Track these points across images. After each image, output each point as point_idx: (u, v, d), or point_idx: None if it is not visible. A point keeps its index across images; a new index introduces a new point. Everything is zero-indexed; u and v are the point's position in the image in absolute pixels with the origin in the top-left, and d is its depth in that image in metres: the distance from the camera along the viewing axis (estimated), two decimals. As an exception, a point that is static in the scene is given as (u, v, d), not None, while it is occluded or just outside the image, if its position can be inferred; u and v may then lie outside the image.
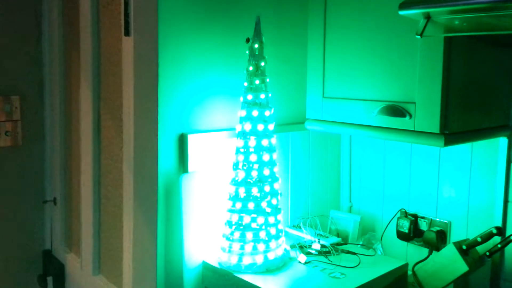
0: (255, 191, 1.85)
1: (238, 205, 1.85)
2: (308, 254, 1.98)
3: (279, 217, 1.92)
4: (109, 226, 2.07)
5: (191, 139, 1.90)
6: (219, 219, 1.95)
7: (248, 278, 1.80)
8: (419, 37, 1.50)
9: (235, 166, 1.89)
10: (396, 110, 1.73)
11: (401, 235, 2.17)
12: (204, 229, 1.95)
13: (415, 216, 2.14)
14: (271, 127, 1.90)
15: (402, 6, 1.45)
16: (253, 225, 1.85)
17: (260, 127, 1.86)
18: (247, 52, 1.88)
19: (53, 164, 2.46)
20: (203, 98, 1.95)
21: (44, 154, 2.46)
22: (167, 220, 1.88)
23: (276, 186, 1.91)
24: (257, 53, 1.86)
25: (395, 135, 1.75)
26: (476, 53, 1.73)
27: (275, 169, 1.91)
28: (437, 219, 2.09)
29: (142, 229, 1.84)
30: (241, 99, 1.90)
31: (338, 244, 2.09)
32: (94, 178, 2.10)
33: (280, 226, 1.93)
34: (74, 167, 2.33)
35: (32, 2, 2.36)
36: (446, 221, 2.06)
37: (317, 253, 2.00)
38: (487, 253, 1.82)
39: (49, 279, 2.47)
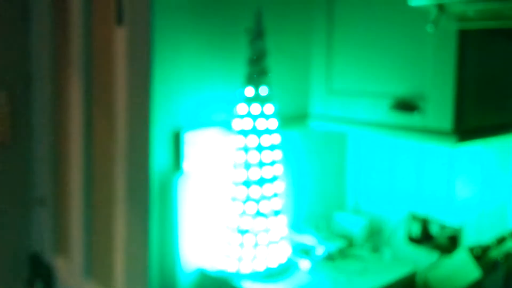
0: (255, 192, 1.81)
1: (237, 208, 1.81)
2: (312, 259, 1.95)
3: (281, 220, 1.88)
4: (100, 228, 2.08)
5: (187, 136, 1.84)
6: (217, 222, 1.91)
7: (247, 285, 1.76)
8: (432, 29, 1.48)
9: (234, 165, 1.84)
10: (406, 105, 1.71)
11: (410, 239, 2.14)
12: (201, 233, 1.91)
13: (425, 219, 2.10)
14: (272, 124, 1.85)
15: (413, -3, 1.45)
16: (254, 228, 1.81)
17: (261, 124, 1.82)
18: (247, 43, 1.83)
19: (42, 163, 2.46)
20: (200, 93, 1.91)
21: (32, 152, 2.47)
22: (161, 223, 1.84)
23: (278, 187, 1.87)
24: (258, 44, 1.82)
25: (406, 132, 1.73)
26: (490, 45, 1.70)
27: (277, 169, 1.87)
28: (448, 223, 2.06)
29: (135, 231, 1.84)
30: (241, 94, 1.85)
31: (343, 248, 2.06)
32: (85, 177, 2.12)
33: (281, 230, 1.88)
34: (63, 166, 2.32)
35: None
36: (458, 224, 2.03)
37: (321, 258, 1.97)
38: (501, 258, 1.79)
39: (38, 283, 2.47)
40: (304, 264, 1.90)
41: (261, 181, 1.82)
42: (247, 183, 1.81)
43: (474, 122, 1.67)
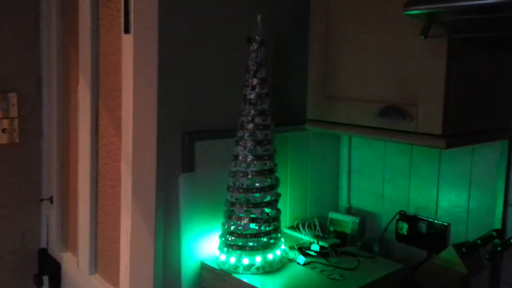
0: (254, 191, 1.84)
1: (237, 205, 1.84)
2: (306, 255, 1.98)
3: (278, 218, 1.91)
4: (106, 225, 2.07)
5: (191, 138, 1.89)
6: (218, 219, 1.94)
7: (246, 279, 1.79)
8: (423, 38, 1.50)
9: (234, 165, 1.88)
10: (397, 112, 1.71)
11: (400, 237, 2.17)
12: (203, 229, 1.94)
13: (414, 218, 2.14)
14: (271, 127, 1.89)
15: (407, 6, 1.44)
16: (252, 225, 1.85)
17: (260, 127, 1.85)
18: (248, 51, 1.87)
19: (50, 162, 2.45)
20: (204, 97, 1.95)
21: (41, 152, 2.45)
22: (166, 220, 1.87)
23: (275, 186, 1.90)
24: (258, 52, 1.85)
25: (397, 136, 1.74)
26: (479, 54, 1.72)
27: (274, 170, 1.91)
28: (437, 222, 2.08)
29: (140, 228, 1.84)
30: (242, 98, 1.88)
31: (337, 245, 2.08)
32: (92, 176, 2.10)
33: (279, 227, 1.92)
34: (71, 165, 2.32)
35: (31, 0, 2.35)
36: (446, 224, 2.06)
37: (316, 254, 2.00)
38: (487, 256, 1.82)
39: (45, 278, 2.47)
40: (300, 260, 1.92)
41: (260, 180, 1.85)
42: (246, 182, 1.84)
43: (462, 128, 1.68)
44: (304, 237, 2.13)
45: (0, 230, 2.34)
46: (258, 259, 1.83)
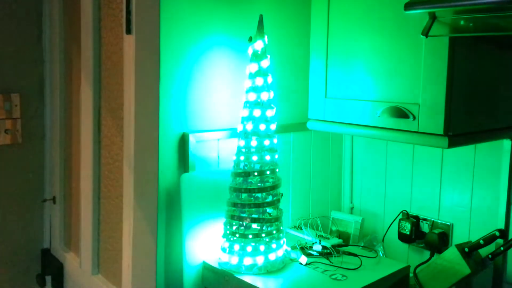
0: (256, 191, 1.84)
1: (239, 205, 1.84)
2: (309, 255, 1.98)
3: (280, 218, 1.91)
4: (108, 226, 2.07)
5: (193, 138, 1.89)
6: (220, 219, 1.94)
7: (248, 279, 1.79)
8: (424, 37, 1.50)
9: (236, 166, 1.88)
10: (399, 112, 1.71)
11: (402, 237, 2.16)
12: (205, 229, 1.94)
13: (417, 218, 2.14)
14: (273, 127, 1.89)
15: (408, 6, 1.45)
16: (254, 225, 1.85)
17: (262, 127, 1.85)
18: (249, 51, 1.87)
19: (53, 163, 2.45)
20: (205, 98, 1.95)
21: (43, 153, 2.46)
22: (168, 220, 1.88)
23: (277, 186, 1.90)
24: (259, 52, 1.85)
25: (399, 136, 1.74)
26: (481, 54, 1.72)
27: (277, 170, 1.90)
28: (439, 221, 2.08)
29: (142, 228, 1.84)
30: (243, 98, 1.88)
31: (339, 245, 2.08)
32: (94, 177, 2.10)
33: (281, 227, 1.92)
34: (74, 165, 2.32)
35: (33, 0, 2.35)
36: (448, 223, 2.06)
37: (318, 254, 1.99)
38: (490, 256, 1.82)
39: (48, 278, 2.47)
40: (302, 260, 1.92)
41: (262, 180, 1.85)
42: (248, 182, 1.85)
43: (464, 127, 1.68)
44: (307, 237, 2.13)
45: (3, 230, 2.35)
46: (260, 259, 1.83)
